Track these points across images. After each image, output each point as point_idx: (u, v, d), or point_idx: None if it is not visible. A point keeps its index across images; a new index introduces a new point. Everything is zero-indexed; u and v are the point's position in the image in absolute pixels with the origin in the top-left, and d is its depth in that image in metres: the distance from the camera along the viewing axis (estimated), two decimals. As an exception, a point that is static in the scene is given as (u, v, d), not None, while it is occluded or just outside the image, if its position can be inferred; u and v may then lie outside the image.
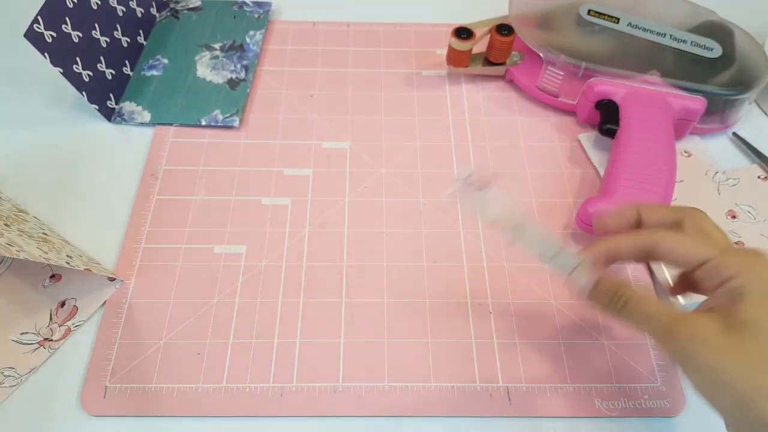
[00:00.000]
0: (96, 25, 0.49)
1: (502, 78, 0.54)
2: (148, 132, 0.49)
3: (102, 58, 0.49)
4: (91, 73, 0.48)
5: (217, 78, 0.53)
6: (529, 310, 0.40)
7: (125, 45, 0.53)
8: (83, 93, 0.47)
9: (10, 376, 0.36)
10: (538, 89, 0.52)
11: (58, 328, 0.38)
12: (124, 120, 0.50)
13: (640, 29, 0.51)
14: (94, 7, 0.49)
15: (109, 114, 0.50)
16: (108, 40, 0.51)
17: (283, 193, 0.46)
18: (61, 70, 0.45)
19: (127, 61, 0.53)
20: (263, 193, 0.46)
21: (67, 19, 0.46)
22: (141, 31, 0.55)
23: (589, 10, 0.52)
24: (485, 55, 0.53)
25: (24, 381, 0.36)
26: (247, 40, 0.56)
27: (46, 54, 0.44)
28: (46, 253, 0.36)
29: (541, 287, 0.41)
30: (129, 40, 0.53)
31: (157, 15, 0.58)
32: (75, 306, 0.39)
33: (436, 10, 0.60)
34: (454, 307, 0.40)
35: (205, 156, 0.48)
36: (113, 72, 0.51)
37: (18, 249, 0.34)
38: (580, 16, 0.52)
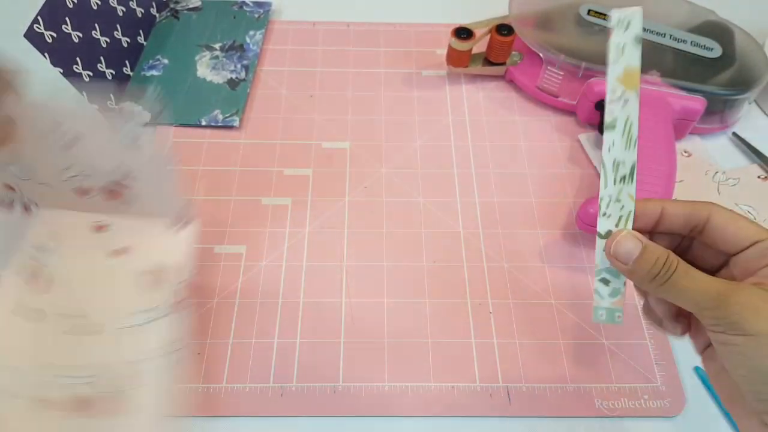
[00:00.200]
0: (96, 25, 0.49)
1: (502, 78, 0.54)
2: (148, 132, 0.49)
3: (102, 58, 0.50)
4: (91, 73, 0.48)
5: (217, 78, 0.53)
6: (529, 310, 0.41)
7: (125, 45, 0.53)
8: (83, 93, 0.47)
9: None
10: (538, 89, 0.52)
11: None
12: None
13: (640, 29, 0.51)
14: (94, 7, 0.49)
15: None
16: (108, 40, 0.51)
17: (283, 193, 0.46)
18: (61, 70, 0.45)
19: (127, 61, 0.53)
20: (263, 193, 0.46)
21: (67, 19, 0.46)
22: (141, 31, 0.55)
23: (589, 10, 0.52)
24: (485, 55, 0.53)
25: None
26: (247, 40, 0.56)
27: (46, 54, 0.44)
28: None
29: (541, 287, 0.41)
30: (129, 40, 0.53)
31: (157, 15, 0.58)
32: None
33: (436, 10, 0.60)
34: (454, 307, 0.40)
35: (205, 156, 0.48)
36: (113, 72, 0.51)
37: None
38: (580, 16, 0.52)
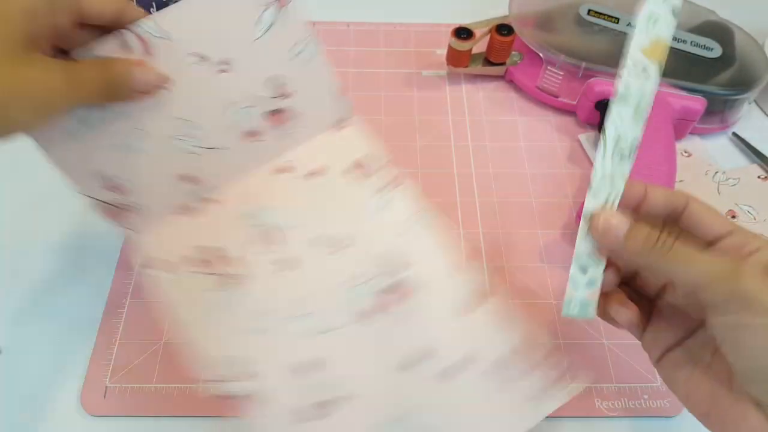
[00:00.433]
0: (96, 25, 0.49)
1: (502, 78, 0.54)
2: (148, 132, 0.49)
3: (102, 58, 0.49)
4: (91, 73, 0.48)
5: (217, 78, 0.53)
6: (529, 310, 0.40)
7: (125, 45, 0.53)
8: (83, 93, 0.47)
9: None
10: (538, 89, 0.52)
11: None
12: (124, 120, 0.50)
13: (640, 29, 0.51)
14: (94, 7, 0.49)
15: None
16: (108, 40, 0.50)
17: (283, 193, 0.46)
18: (61, 70, 0.45)
19: (127, 61, 0.53)
20: (263, 193, 0.46)
21: (67, 19, 0.46)
22: (141, 31, 0.55)
23: (589, 10, 0.52)
24: (485, 55, 0.53)
25: None
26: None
27: (46, 54, 0.44)
28: None
29: (541, 287, 0.41)
30: (129, 40, 0.53)
31: (157, 15, 0.58)
32: None
33: (436, 10, 0.60)
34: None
35: (205, 156, 0.48)
36: (113, 72, 0.51)
37: None
38: (580, 16, 0.52)
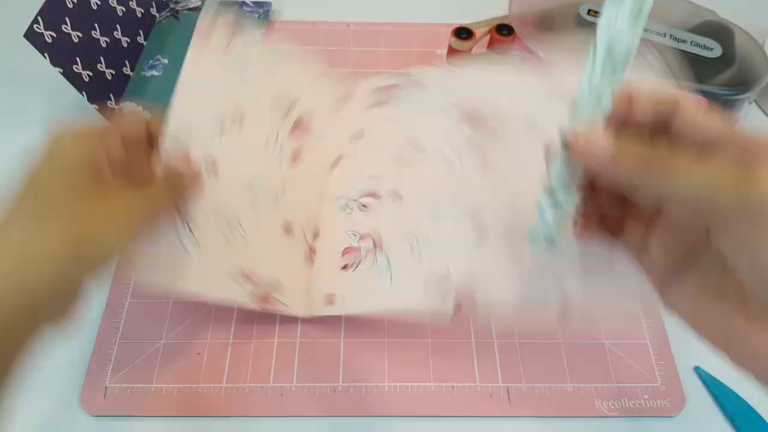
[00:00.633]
0: (96, 25, 0.49)
1: (502, 78, 0.54)
2: (148, 132, 0.49)
3: (102, 58, 0.49)
4: (91, 73, 0.48)
5: (217, 78, 0.53)
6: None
7: (125, 45, 0.53)
8: (83, 93, 0.47)
9: None
10: (538, 89, 0.52)
11: None
12: (124, 120, 0.50)
13: (640, 29, 0.50)
14: (94, 7, 0.49)
15: (109, 114, 0.50)
16: (108, 40, 0.51)
17: (283, 193, 0.46)
18: (61, 70, 0.45)
19: (127, 61, 0.53)
20: (263, 193, 0.46)
21: (67, 19, 0.46)
22: (141, 31, 0.55)
23: (589, 10, 0.52)
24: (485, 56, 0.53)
25: None
26: (247, 40, 0.56)
27: (46, 54, 0.44)
28: None
29: (541, 287, 0.41)
30: (129, 40, 0.53)
31: (157, 15, 0.58)
32: None
33: (436, 10, 0.60)
34: (454, 307, 0.40)
35: (205, 156, 0.48)
36: (113, 72, 0.51)
37: None
38: (580, 16, 0.52)
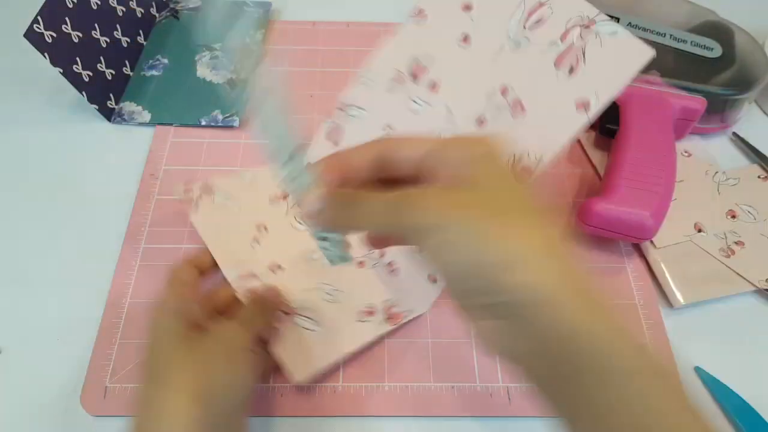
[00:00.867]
0: (96, 25, 0.49)
1: (502, 78, 0.54)
2: (148, 132, 0.49)
3: (102, 58, 0.50)
4: (91, 73, 0.48)
5: (217, 78, 0.53)
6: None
7: (125, 45, 0.53)
8: (83, 93, 0.47)
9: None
10: (538, 89, 0.52)
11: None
12: (124, 120, 0.50)
13: (640, 29, 0.50)
14: (94, 7, 0.49)
15: (109, 114, 0.50)
16: (108, 40, 0.51)
17: (283, 193, 0.46)
18: (61, 70, 0.45)
19: (127, 61, 0.53)
20: (263, 193, 0.46)
21: (67, 19, 0.46)
22: (141, 31, 0.55)
23: None
24: (485, 55, 0.53)
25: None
26: (247, 40, 0.56)
27: (46, 54, 0.44)
28: None
29: (541, 287, 0.41)
30: (129, 40, 0.53)
31: (157, 15, 0.58)
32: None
33: (436, 10, 0.60)
34: (454, 307, 0.40)
35: (205, 156, 0.48)
36: (113, 72, 0.51)
37: None
38: None
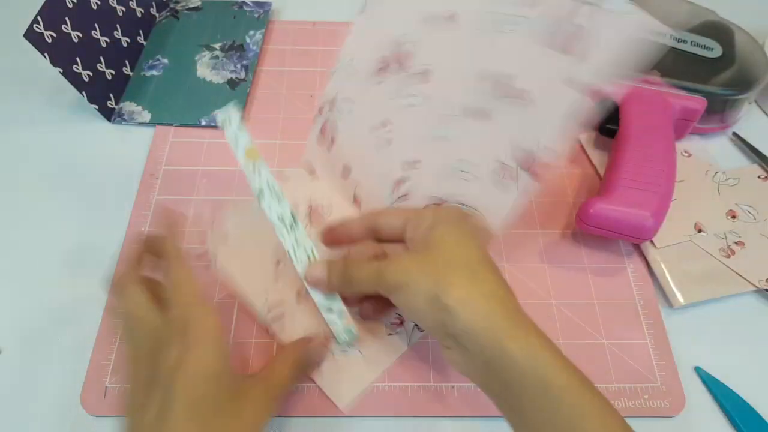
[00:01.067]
0: (96, 25, 0.49)
1: (502, 78, 0.54)
2: (148, 132, 0.49)
3: (102, 58, 0.50)
4: (91, 73, 0.48)
5: (217, 78, 0.53)
6: (529, 310, 0.40)
7: (125, 45, 0.53)
8: (83, 93, 0.47)
9: None
10: (538, 89, 0.52)
11: None
12: (124, 120, 0.50)
13: (640, 29, 0.50)
14: (94, 7, 0.49)
15: (109, 114, 0.50)
16: (108, 40, 0.51)
17: (283, 193, 0.46)
18: (61, 70, 0.45)
19: (127, 61, 0.53)
20: (263, 193, 0.46)
21: (66, 19, 0.46)
22: (141, 31, 0.55)
23: None
24: (485, 55, 0.53)
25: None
26: (247, 40, 0.56)
27: (46, 54, 0.44)
28: None
29: (541, 287, 0.41)
30: (129, 40, 0.53)
31: (157, 15, 0.58)
32: None
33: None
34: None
35: (205, 156, 0.48)
36: (113, 72, 0.51)
37: None
38: None
